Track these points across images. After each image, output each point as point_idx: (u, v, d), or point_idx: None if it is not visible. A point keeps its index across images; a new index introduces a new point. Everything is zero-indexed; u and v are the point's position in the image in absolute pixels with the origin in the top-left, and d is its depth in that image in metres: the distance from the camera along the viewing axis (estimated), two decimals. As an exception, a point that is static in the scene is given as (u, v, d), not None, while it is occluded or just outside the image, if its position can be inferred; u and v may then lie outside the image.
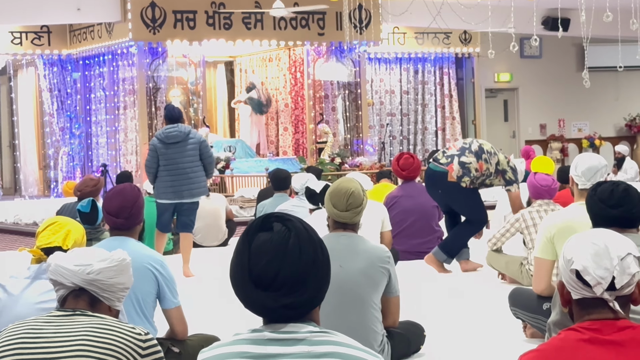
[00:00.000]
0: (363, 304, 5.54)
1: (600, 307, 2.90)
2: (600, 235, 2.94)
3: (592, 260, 2.87)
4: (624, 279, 2.86)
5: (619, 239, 2.93)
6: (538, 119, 25.71)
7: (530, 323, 6.50)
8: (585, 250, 2.90)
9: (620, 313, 2.88)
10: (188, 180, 10.52)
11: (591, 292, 2.88)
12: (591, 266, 2.87)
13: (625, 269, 2.86)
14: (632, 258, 2.88)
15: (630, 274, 2.86)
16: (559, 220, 6.22)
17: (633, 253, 2.89)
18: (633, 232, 4.39)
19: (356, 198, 5.62)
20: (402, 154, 11.37)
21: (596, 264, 2.87)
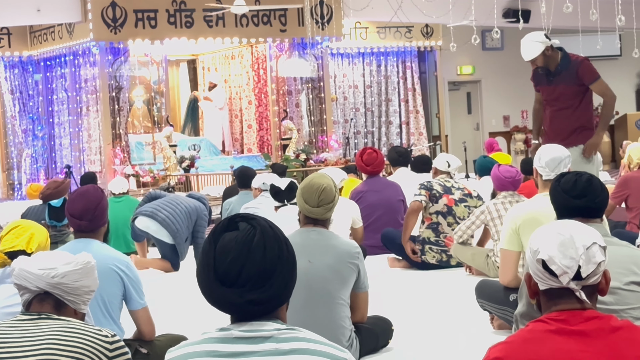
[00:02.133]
0: (331, 299, 5.54)
1: (567, 297, 2.92)
2: (566, 226, 2.96)
3: (558, 250, 2.90)
4: (590, 268, 2.88)
5: (585, 229, 2.96)
6: (501, 111, 25.81)
7: (498, 315, 6.52)
8: (551, 241, 2.92)
9: (587, 303, 2.90)
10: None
11: (557, 282, 2.90)
12: (557, 256, 2.89)
13: (590, 258, 2.88)
14: (597, 247, 2.90)
15: (596, 263, 2.89)
16: (523, 211, 6.25)
17: (598, 242, 2.91)
18: (597, 222, 4.40)
19: (328, 194, 5.63)
20: (365, 149, 11.40)
21: (562, 253, 2.89)
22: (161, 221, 10.34)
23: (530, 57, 9.07)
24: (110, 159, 18.61)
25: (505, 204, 8.59)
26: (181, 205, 10.58)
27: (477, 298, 6.72)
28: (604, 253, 2.92)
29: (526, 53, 9.11)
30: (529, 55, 9.08)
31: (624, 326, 2.88)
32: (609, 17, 16.49)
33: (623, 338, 2.84)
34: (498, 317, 6.57)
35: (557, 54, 9.03)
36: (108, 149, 18.66)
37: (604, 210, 4.51)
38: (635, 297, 4.22)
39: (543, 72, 9.06)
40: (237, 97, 21.86)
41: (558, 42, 9.11)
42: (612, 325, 2.87)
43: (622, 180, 10.55)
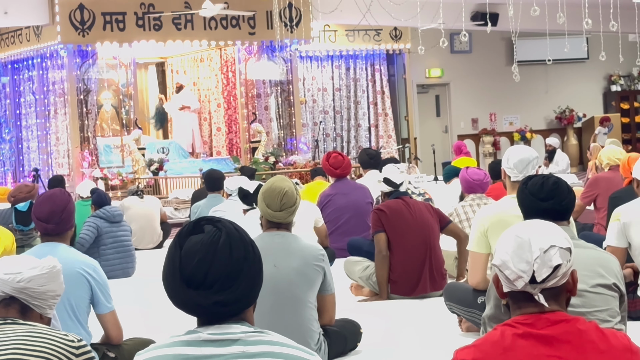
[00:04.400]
0: (299, 302, 5.53)
1: (530, 300, 2.92)
2: (527, 228, 2.96)
3: (514, 253, 2.90)
4: (545, 271, 2.87)
5: (547, 231, 2.94)
6: (470, 114, 25.91)
7: (466, 317, 6.53)
8: (507, 244, 2.93)
9: (545, 306, 2.90)
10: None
11: (514, 286, 2.91)
12: (511, 260, 2.90)
13: (546, 261, 2.87)
14: (556, 250, 2.89)
15: (551, 267, 2.87)
16: (491, 213, 6.27)
17: (558, 245, 2.89)
18: (564, 224, 4.42)
19: (290, 198, 5.63)
20: (331, 153, 11.42)
21: (518, 257, 2.89)
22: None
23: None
24: (78, 162, 18.51)
25: (473, 207, 8.62)
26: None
27: (445, 300, 6.74)
28: (567, 255, 2.91)
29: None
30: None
31: (592, 328, 2.89)
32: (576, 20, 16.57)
33: (590, 340, 2.85)
34: (466, 320, 6.59)
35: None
36: (76, 152, 18.56)
37: (570, 212, 4.53)
38: (602, 300, 4.24)
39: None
40: (206, 100, 21.82)
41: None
42: (579, 328, 2.87)
43: (592, 180, 10.62)
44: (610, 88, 27.39)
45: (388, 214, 8.22)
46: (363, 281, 8.49)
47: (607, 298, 4.27)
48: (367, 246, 9.44)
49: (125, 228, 10.85)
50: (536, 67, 24.99)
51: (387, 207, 8.29)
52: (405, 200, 8.36)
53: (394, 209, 8.24)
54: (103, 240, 10.60)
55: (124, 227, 10.85)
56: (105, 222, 10.63)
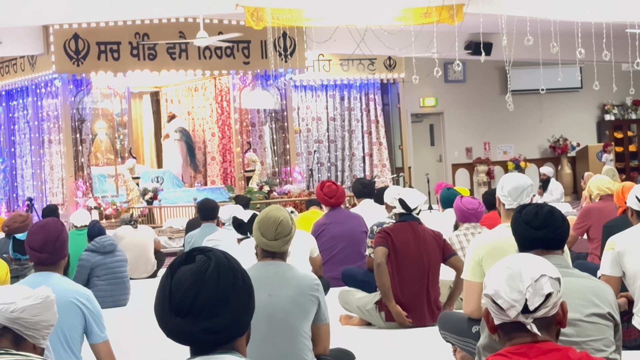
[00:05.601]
0: (293, 332, 5.51)
1: (521, 330, 2.93)
2: (517, 259, 2.98)
3: (506, 283, 2.92)
4: (537, 300, 2.89)
5: (536, 261, 2.96)
6: (464, 143, 25.95)
7: (460, 346, 6.51)
8: (499, 275, 2.95)
9: (539, 336, 2.90)
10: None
11: (507, 316, 2.91)
12: (504, 290, 2.92)
13: (538, 290, 2.89)
14: (546, 279, 2.90)
15: (543, 295, 2.88)
16: (486, 242, 6.26)
17: (549, 274, 2.90)
18: (558, 254, 4.42)
19: (285, 227, 5.61)
20: (324, 182, 11.42)
21: (509, 287, 2.91)
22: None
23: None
24: (72, 191, 18.50)
25: (467, 236, 8.62)
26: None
27: (440, 329, 6.72)
28: (556, 285, 2.91)
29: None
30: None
31: (582, 358, 2.89)
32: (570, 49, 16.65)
33: (582, 369, 2.85)
34: (461, 349, 6.57)
35: None
36: (70, 181, 18.56)
37: (565, 241, 4.53)
38: (596, 329, 4.24)
39: None
40: (200, 129, 21.85)
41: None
42: (571, 358, 2.87)
43: (583, 211, 10.63)
44: (604, 117, 27.46)
45: (393, 239, 8.20)
46: (359, 311, 8.47)
47: (601, 327, 4.27)
48: (361, 275, 9.43)
49: (119, 258, 10.84)
50: (530, 97, 25.07)
51: (394, 231, 8.27)
52: (414, 226, 8.32)
53: (400, 235, 8.22)
54: (95, 272, 10.61)
55: (118, 257, 10.84)
56: (97, 254, 10.65)
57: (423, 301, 8.18)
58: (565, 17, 17.35)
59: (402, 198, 8.38)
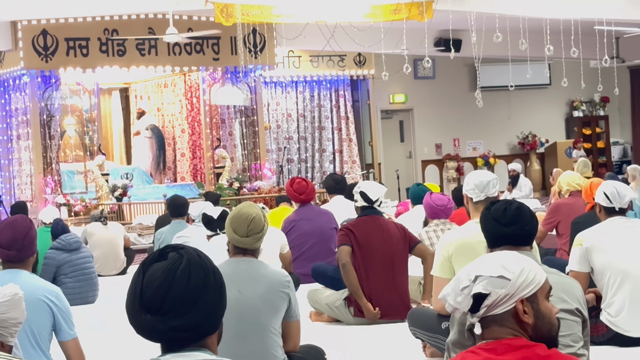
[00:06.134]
0: (263, 329, 5.52)
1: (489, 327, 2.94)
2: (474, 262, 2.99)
3: (453, 286, 2.94)
4: (467, 302, 2.91)
5: (486, 262, 2.96)
6: (433, 139, 26.01)
7: (430, 342, 6.54)
8: (454, 278, 2.98)
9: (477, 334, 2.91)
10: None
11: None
12: (450, 293, 2.94)
13: (469, 292, 2.90)
14: (482, 279, 2.90)
15: (472, 297, 2.89)
16: (455, 238, 6.29)
17: (487, 274, 2.90)
18: (527, 250, 4.45)
19: (257, 224, 5.61)
20: (294, 179, 11.41)
21: (453, 290, 2.94)
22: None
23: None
24: (41, 188, 18.40)
25: (437, 232, 8.65)
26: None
27: (410, 326, 6.75)
28: (500, 284, 2.90)
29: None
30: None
31: (552, 355, 2.89)
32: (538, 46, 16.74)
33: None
34: (430, 345, 6.59)
35: None
36: (39, 178, 18.45)
37: (533, 237, 4.55)
38: (565, 325, 4.25)
39: None
40: (169, 125, 21.79)
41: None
42: (540, 355, 2.88)
43: (553, 207, 10.69)
44: (572, 114, 27.60)
45: (356, 234, 8.20)
46: (328, 308, 8.47)
47: (569, 323, 4.30)
48: (331, 272, 9.42)
49: (85, 255, 10.80)
50: (499, 93, 25.16)
51: (356, 227, 8.25)
52: (376, 220, 8.31)
53: (363, 230, 8.21)
54: (62, 270, 10.56)
55: (84, 253, 10.80)
56: (62, 252, 10.61)
57: (392, 294, 8.18)
58: (534, 14, 17.41)
59: (363, 190, 8.37)
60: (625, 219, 6.84)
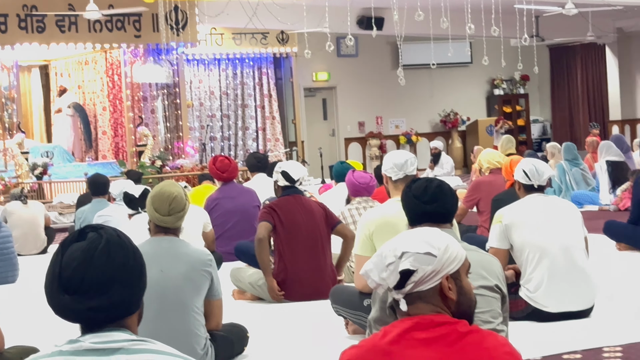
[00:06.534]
0: (185, 308, 5.51)
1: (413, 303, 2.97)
2: (398, 237, 3.01)
3: (376, 262, 2.96)
4: (394, 278, 2.93)
5: (411, 238, 2.99)
6: (356, 117, 26.09)
7: (352, 320, 6.58)
8: (377, 254, 3.00)
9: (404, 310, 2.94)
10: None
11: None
12: (373, 269, 2.96)
13: (396, 268, 2.92)
14: (409, 255, 2.92)
15: (399, 273, 2.91)
16: (376, 216, 6.34)
17: (414, 251, 2.93)
18: (447, 227, 4.49)
19: (179, 202, 5.60)
20: (217, 157, 11.38)
21: (376, 266, 2.96)
22: None
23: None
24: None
25: (359, 209, 8.69)
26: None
27: (332, 303, 6.77)
28: (426, 260, 2.94)
29: None
30: None
31: (472, 331, 2.93)
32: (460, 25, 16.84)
33: (470, 344, 2.88)
34: (353, 322, 6.63)
35: None
36: (-44, 158, 18.16)
37: (453, 215, 4.60)
38: (484, 301, 4.31)
39: None
40: (91, 103, 21.54)
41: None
42: (460, 331, 2.91)
43: (473, 184, 10.82)
44: (493, 92, 27.87)
45: (279, 214, 8.21)
46: (251, 287, 8.48)
47: (489, 299, 4.35)
48: (254, 250, 9.42)
49: (5, 234, 10.64)
50: (421, 71, 25.30)
51: (279, 206, 8.27)
52: (298, 199, 8.33)
53: (286, 209, 8.23)
54: None
55: (3, 232, 10.64)
56: None
57: (316, 273, 8.20)
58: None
59: (285, 170, 8.39)
60: (543, 196, 6.95)
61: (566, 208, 7.02)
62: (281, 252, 8.22)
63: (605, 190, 14.62)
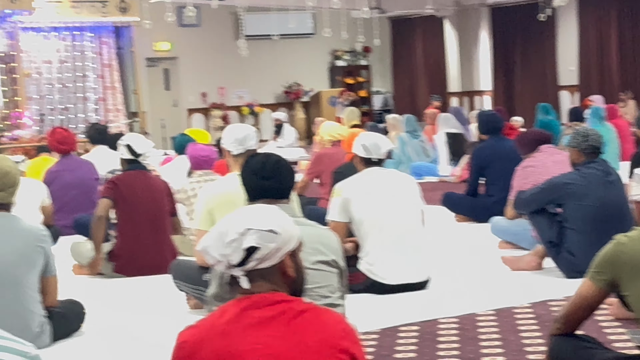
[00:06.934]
0: (19, 284, 5.41)
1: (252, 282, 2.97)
2: (237, 214, 3.00)
3: (213, 240, 2.95)
4: (237, 255, 2.92)
5: (254, 214, 2.98)
6: (199, 88, 25.91)
7: (193, 294, 6.55)
8: (214, 230, 2.98)
9: (247, 288, 2.94)
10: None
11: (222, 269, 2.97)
12: (212, 246, 2.95)
13: (240, 245, 2.92)
14: (253, 232, 2.92)
15: (243, 250, 2.91)
16: (217, 191, 6.33)
17: (257, 228, 2.92)
18: (285, 203, 4.49)
19: (11, 177, 5.49)
20: (56, 128, 11.18)
21: (216, 243, 2.94)
22: None
23: None
24: None
25: (200, 183, 8.63)
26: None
27: (173, 278, 6.73)
28: (269, 238, 2.94)
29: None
30: None
31: (308, 309, 2.94)
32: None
33: (307, 321, 2.90)
34: (193, 297, 6.60)
35: None
36: None
37: (290, 190, 4.60)
38: (322, 276, 4.34)
39: None
40: None
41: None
42: (297, 309, 2.92)
43: (315, 157, 10.89)
44: (335, 63, 28.06)
45: (121, 189, 8.12)
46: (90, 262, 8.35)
47: (327, 274, 4.37)
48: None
49: None
50: (264, 42, 25.25)
51: (122, 181, 8.18)
52: (142, 175, 8.26)
53: (129, 184, 8.14)
54: None
55: None
56: None
57: (157, 249, 8.14)
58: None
59: (129, 144, 8.29)
60: (382, 170, 7.03)
61: (404, 181, 7.13)
62: (122, 227, 8.14)
63: (445, 162, 14.92)
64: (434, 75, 28.04)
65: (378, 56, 28.63)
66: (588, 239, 6.84)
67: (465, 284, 7.17)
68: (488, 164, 10.02)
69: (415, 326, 6.00)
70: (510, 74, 26.48)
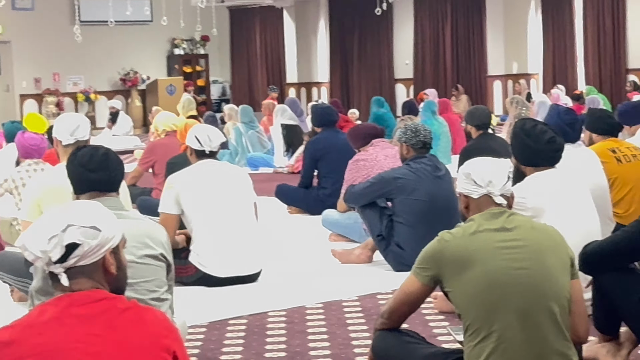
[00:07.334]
0: None
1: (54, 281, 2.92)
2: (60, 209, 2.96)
3: (34, 234, 2.90)
4: (58, 251, 2.87)
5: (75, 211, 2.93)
6: (32, 73, 25.32)
7: (17, 287, 6.41)
8: (33, 226, 2.93)
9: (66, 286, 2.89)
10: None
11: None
12: (31, 241, 2.89)
13: (61, 241, 2.87)
14: (74, 229, 2.87)
15: (64, 246, 2.87)
16: (45, 182, 6.20)
17: (79, 224, 2.88)
18: (113, 196, 4.44)
19: None
20: None
21: (38, 238, 2.88)
22: None
23: None
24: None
25: (29, 172, 8.44)
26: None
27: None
28: (91, 234, 2.89)
29: None
30: None
31: (131, 307, 2.92)
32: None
33: (129, 319, 2.87)
34: (18, 290, 6.46)
35: None
36: None
37: (119, 183, 4.55)
38: (150, 270, 4.31)
39: None
40: None
41: None
42: (119, 307, 2.90)
43: (149, 147, 10.81)
44: (173, 51, 27.84)
45: None
46: None
47: (154, 269, 4.35)
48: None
49: None
50: (100, 28, 24.80)
51: None
52: None
53: None
54: None
55: None
56: None
57: None
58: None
59: None
60: (214, 162, 7.02)
61: (236, 174, 7.15)
62: None
63: (280, 153, 14.98)
64: (272, 66, 28.13)
65: (217, 45, 28.54)
66: (417, 233, 6.97)
67: (296, 277, 7.22)
68: (321, 157, 10.10)
69: (244, 319, 6.00)
70: (347, 66, 26.78)
